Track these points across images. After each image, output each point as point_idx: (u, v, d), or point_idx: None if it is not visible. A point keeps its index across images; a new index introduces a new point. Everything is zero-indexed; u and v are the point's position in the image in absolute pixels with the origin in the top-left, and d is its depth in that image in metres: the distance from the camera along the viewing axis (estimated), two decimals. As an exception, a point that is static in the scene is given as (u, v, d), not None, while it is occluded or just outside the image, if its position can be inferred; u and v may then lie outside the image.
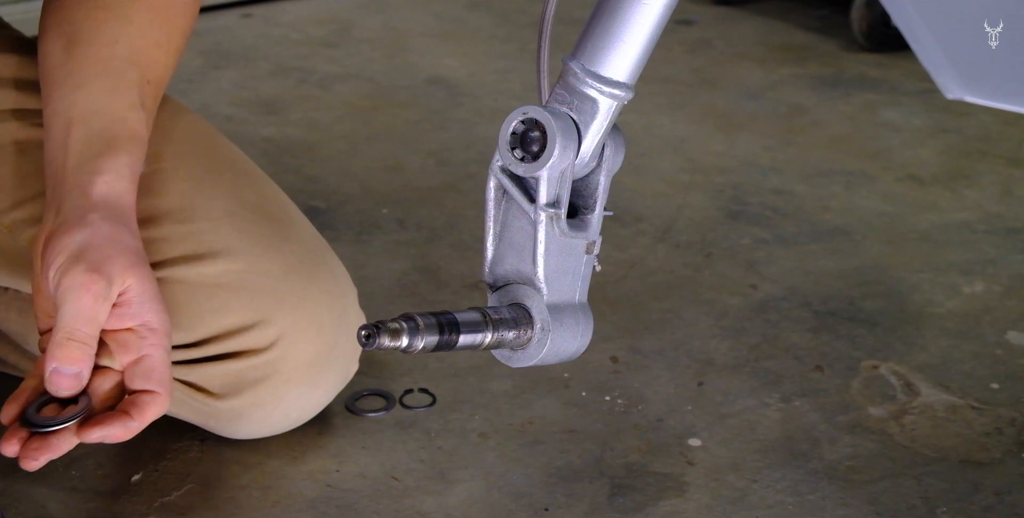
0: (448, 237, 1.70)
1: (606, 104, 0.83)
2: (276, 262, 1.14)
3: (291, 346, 1.14)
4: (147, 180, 1.15)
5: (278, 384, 1.16)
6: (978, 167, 1.99)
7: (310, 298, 1.15)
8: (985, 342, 1.47)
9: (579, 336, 0.87)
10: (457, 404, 1.32)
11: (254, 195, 1.19)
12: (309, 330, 1.15)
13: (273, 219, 1.18)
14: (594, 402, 1.34)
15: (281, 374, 1.15)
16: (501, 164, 0.85)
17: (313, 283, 1.16)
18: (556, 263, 0.85)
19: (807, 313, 1.53)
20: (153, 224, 1.13)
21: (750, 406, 1.34)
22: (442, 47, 2.58)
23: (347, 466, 1.22)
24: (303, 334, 1.15)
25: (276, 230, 1.17)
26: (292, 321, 1.14)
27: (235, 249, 1.14)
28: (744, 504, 1.18)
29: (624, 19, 0.82)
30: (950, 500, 1.19)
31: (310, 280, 1.15)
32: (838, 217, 1.80)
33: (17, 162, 1.14)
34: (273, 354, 1.14)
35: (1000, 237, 1.74)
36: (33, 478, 1.19)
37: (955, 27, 1.00)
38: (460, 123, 2.16)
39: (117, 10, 1.09)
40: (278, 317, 1.13)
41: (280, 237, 1.16)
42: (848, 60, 2.51)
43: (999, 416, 1.32)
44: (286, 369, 1.15)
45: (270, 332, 1.13)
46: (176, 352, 1.15)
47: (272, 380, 1.15)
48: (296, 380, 1.17)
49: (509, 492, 1.19)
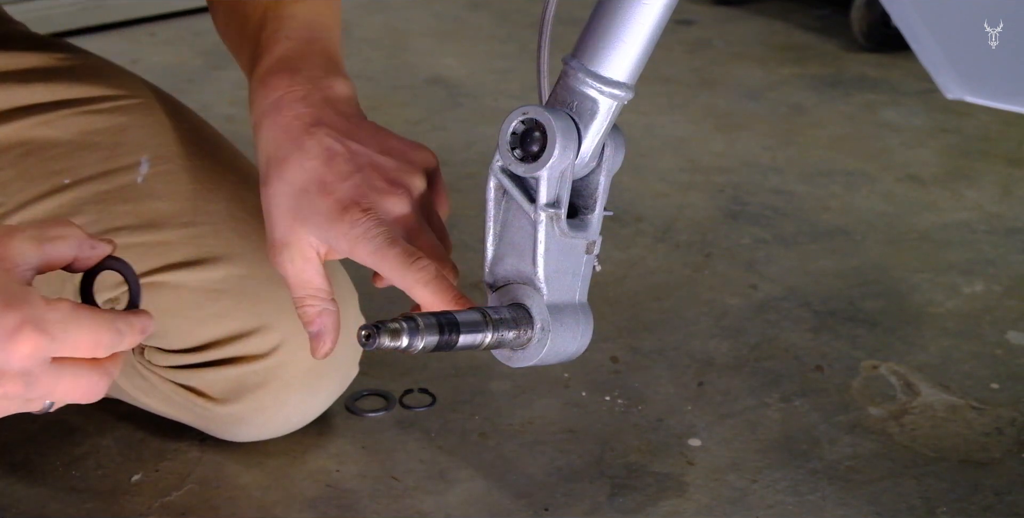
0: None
1: (606, 104, 0.83)
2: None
3: (292, 352, 1.14)
4: (149, 182, 1.15)
5: (278, 389, 1.16)
6: (978, 167, 1.99)
7: None
8: (985, 342, 1.47)
9: (579, 336, 0.87)
10: (457, 404, 1.32)
11: (256, 198, 1.19)
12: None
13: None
14: (594, 402, 1.34)
15: (281, 380, 1.15)
16: (501, 164, 0.85)
17: None
18: (556, 263, 0.85)
19: (807, 313, 1.53)
20: (155, 227, 1.13)
21: (750, 406, 1.34)
22: (442, 47, 2.58)
23: (347, 466, 1.22)
24: (303, 340, 1.14)
25: None
26: (293, 327, 1.13)
27: (237, 254, 1.14)
28: (744, 504, 1.18)
29: (624, 19, 0.82)
30: (950, 500, 1.19)
31: None
32: (838, 217, 1.80)
33: (23, 163, 1.14)
34: (274, 360, 1.14)
35: (1000, 237, 1.74)
36: (33, 478, 1.19)
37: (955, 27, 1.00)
38: (460, 123, 2.16)
39: None
40: (279, 323, 1.13)
41: None
42: (848, 60, 2.51)
43: (999, 416, 1.32)
44: (286, 375, 1.15)
45: (271, 338, 1.13)
46: (177, 356, 1.15)
47: (272, 385, 1.15)
48: (296, 386, 1.17)
49: (509, 492, 1.19)
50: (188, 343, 1.13)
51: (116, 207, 1.13)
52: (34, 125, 1.15)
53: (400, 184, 0.94)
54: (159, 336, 1.13)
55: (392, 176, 0.95)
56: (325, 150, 0.94)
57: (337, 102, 0.99)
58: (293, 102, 0.97)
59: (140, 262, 1.12)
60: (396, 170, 0.95)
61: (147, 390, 1.18)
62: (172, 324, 1.12)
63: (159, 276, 1.12)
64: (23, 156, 1.14)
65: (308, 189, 0.94)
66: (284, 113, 0.97)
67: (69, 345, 0.73)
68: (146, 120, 1.19)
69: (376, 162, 0.95)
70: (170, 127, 1.19)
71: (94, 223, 1.12)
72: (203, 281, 1.12)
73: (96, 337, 0.74)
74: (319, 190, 0.93)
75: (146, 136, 1.18)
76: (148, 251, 1.12)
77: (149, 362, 1.16)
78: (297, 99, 0.97)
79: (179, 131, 1.20)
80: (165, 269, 1.12)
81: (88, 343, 0.74)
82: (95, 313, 0.75)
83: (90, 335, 0.74)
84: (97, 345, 0.74)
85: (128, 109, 1.19)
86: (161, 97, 1.24)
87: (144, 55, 2.46)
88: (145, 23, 2.63)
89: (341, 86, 1.01)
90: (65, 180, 1.14)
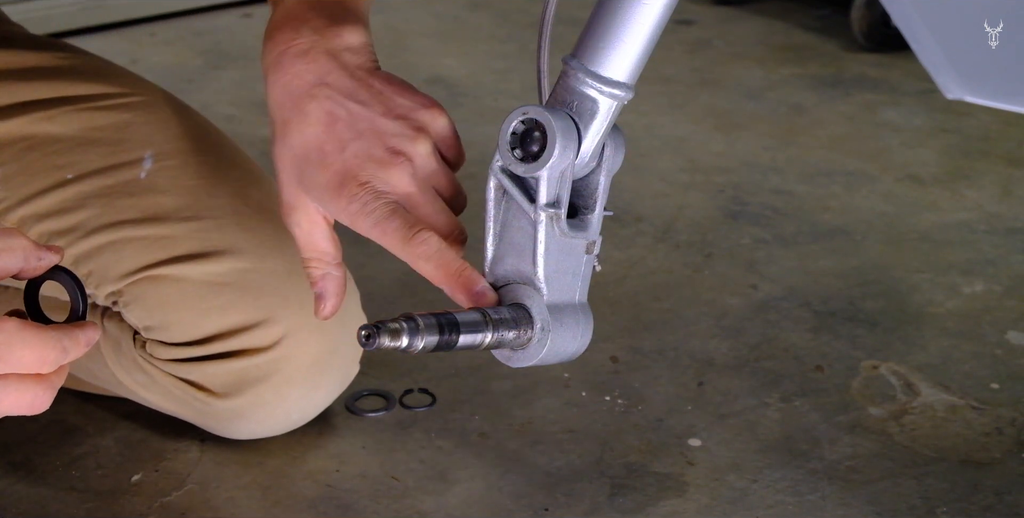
0: (448, 237, 1.70)
1: (606, 104, 0.83)
2: (280, 262, 1.14)
3: (294, 346, 1.14)
4: (153, 177, 1.15)
5: (279, 384, 1.16)
6: (978, 167, 1.99)
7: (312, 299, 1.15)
8: (985, 342, 1.47)
9: (579, 336, 0.87)
10: (457, 404, 1.32)
11: (259, 193, 1.19)
12: (312, 331, 1.15)
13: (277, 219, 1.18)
14: (594, 402, 1.34)
15: (283, 374, 1.15)
16: (501, 164, 0.85)
17: None
18: (556, 263, 0.85)
19: (807, 313, 1.53)
20: (159, 221, 1.13)
21: (750, 406, 1.34)
22: (442, 47, 2.58)
23: (347, 466, 1.22)
24: (306, 334, 1.15)
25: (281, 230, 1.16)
26: (296, 321, 1.14)
27: (240, 248, 1.14)
28: (744, 504, 1.18)
29: (624, 19, 0.82)
30: (950, 500, 1.19)
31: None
32: (838, 217, 1.80)
33: (26, 158, 1.15)
34: (276, 353, 1.14)
35: (1000, 237, 1.74)
36: (33, 478, 1.19)
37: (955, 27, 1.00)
38: (460, 123, 2.13)
39: None
40: (282, 316, 1.14)
41: (285, 237, 1.16)
42: (848, 60, 2.51)
43: (999, 416, 1.32)
44: (288, 369, 1.15)
45: (274, 331, 1.14)
46: (179, 349, 1.15)
47: (273, 380, 1.15)
48: (298, 380, 1.17)
49: (509, 492, 1.19)
50: (191, 336, 1.14)
51: (120, 201, 1.14)
52: (37, 120, 1.15)
53: (401, 152, 0.92)
54: (162, 329, 1.14)
55: (393, 144, 0.92)
56: (326, 114, 0.92)
57: (344, 53, 0.95)
58: (294, 58, 0.94)
59: (144, 255, 1.13)
60: (398, 136, 0.92)
61: (147, 385, 1.18)
62: (175, 317, 1.12)
63: (163, 269, 1.12)
64: (26, 150, 1.15)
65: (309, 157, 0.92)
66: (286, 70, 0.94)
67: (13, 364, 0.74)
68: (149, 117, 1.19)
69: (378, 127, 0.92)
70: (174, 123, 1.19)
71: (98, 217, 1.13)
72: (206, 274, 1.12)
73: (41, 355, 0.75)
74: (318, 160, 0.92)
75: (149, 132, 1.18)
76: (152, 244, 1.12)
77: (151, 356, 1.16)
78: (298, 54, 0.94)
79: (182, 128, 1.20)
80: (169, 262, 1.12)
81: (33, 361, 0.75)
82: (40, 331, 0.75)
83: (35, 353, 0.75)
84: (42, 362, 0.75)
85: (131, 106, 1.19)
86: (164, 95, 1.24)
87: (144, 55, 2.46)
88: (145, 23, 2.63)
89: (350, 34, 0.96)
90: (68, 175, 1.14)
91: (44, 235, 1.13)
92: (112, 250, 1.13)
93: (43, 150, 1.14)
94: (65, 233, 1.13)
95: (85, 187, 1.14)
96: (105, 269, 1.13)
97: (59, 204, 1.13)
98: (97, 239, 1.13)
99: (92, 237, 1.13)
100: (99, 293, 1.14)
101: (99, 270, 1.13)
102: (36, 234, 1.13)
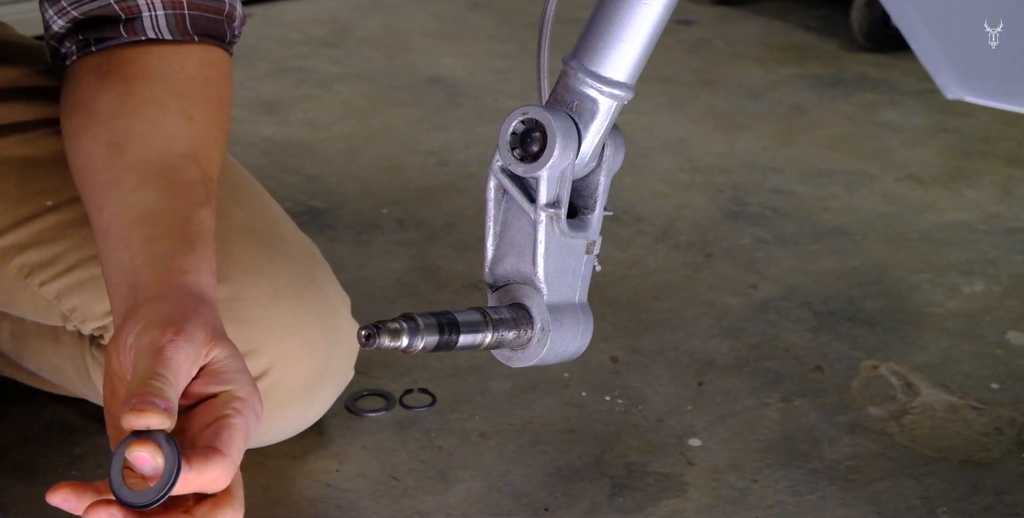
0: (448, 237, 1.70)
1: (606, 104, 0.83)
2: (264, 287, 1.12)
3: (282, 373, 1.13)
4: None
5: (272, 407, 1.13)
6: (978, 167, 1.99)
7: (300, 323, 1.13)
8: (985, 342, 1.47)
9: (579, 336, 0.87)
10: (457, 404, 1.32)
11: (241, 212, 1.15)
12: (300, 356, 1.14)
13: (261, 239, 1.15)
14: (594, 402, 1.34)
15: (274, 399, 1.13)
16: (501, 164, 0.85)
17: (303, 305, 1.13)
18: (556, 263, 0.85)
19: (807, 313, 1.53)
20: None
21: (750, 406, 1.34)
22: (442, 47, 2.58)
23: (347, 466, 1.22)
24: (294, 361, 1.13)
25: (263, 251, 1.14)
26: (282, 349, 1.12)
27: (223, 276, 1.09)
28: (744, 504, 1.18)
29: (624, 19, 0.82)
30: (950, 500, 1.19)
31: (300, 303, 1.13)
32: (838, 217, 1.80)
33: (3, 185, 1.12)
34: (265, 382, 1.11)
35: (1000, 237, 1.74)
36: (33, 478, 1.19)
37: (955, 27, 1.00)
38: (460, 123, 2.16)
39: (176, 106, 1.02)
40: (267, 346, 1.11)
41: (268, 259, 1.14)
42: (848, 60, 2.51)
43: (999, 416, 1.32)
44: (279, 394, 1.13)
45: (261, 362, 1.11)
46: None
47: (266, 405, 1.13)
48: (292, 401, 1.16)
49: (509, 492, 1.19)
50: None
51: None
52: (14, 144, 1.13)
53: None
54: None
55: None
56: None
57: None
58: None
59: None
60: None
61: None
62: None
63: None
64: (2, 177, 1.12)
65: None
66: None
67: None
68: None
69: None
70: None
71: (77, 248, 1.10)
72: None
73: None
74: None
75: None
76: None
77: None
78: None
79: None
80: None
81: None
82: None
83: None
84: None
85: None
86: None
87: (144, 55, 2.46)
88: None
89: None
90: (48, 202, 1.11)
91: (25, 267, 1.11)
92: (95, 285, 1.09)
93: (21, 175, 1.11)
94: (47, 265, 1.11)
95: (65, 215, 1.11)
96: (89, 306, 1.11)
97: (39, 234, 1.11)
98: (79, 274, 1.10)
99: (75, 272, 1.11)
100: (84, 327, 1.13)
101: (83, 306, 1.11)
102: (17, 266, 1.11)
